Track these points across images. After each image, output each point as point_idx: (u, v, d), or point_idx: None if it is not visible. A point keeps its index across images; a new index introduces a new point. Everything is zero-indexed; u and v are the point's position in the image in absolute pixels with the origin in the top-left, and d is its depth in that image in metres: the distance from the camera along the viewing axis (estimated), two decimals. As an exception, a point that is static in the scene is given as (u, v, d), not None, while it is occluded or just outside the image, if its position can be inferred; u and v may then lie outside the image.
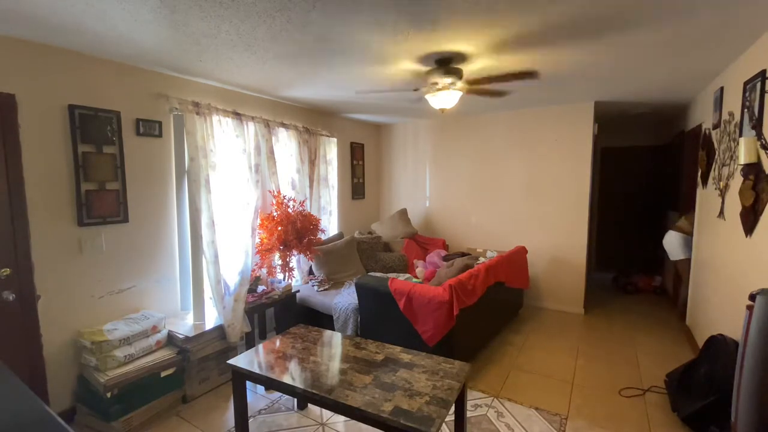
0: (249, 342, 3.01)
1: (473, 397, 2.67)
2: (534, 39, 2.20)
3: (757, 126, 2.15)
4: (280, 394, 2.74)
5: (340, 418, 2.48)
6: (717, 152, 2.95)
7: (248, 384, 2.36)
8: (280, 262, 3.41)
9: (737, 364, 1.72)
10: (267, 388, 2.81)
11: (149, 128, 2.73)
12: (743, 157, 2.14)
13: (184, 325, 2.79)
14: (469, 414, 2.47)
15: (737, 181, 2.48)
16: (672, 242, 4.00)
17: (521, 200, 4.56)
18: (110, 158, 2.51)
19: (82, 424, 2.38)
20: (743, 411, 1.65)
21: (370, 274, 3.88)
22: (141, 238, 2.72)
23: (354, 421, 2.39)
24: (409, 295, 2.83)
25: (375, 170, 5.61)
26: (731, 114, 2.63)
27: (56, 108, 2.29)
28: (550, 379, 2.94)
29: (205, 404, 2.67)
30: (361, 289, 3.10)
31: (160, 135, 2.80)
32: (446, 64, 2.55)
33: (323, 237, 3.83)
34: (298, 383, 1.86)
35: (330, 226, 4.41)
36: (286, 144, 3.81)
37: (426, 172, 5.26)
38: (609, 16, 1.92)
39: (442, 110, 2.86)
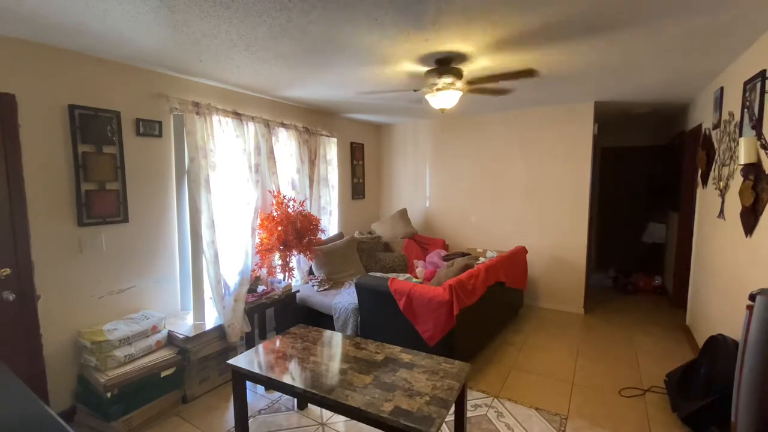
0: (249, 342, 3.01)
1: (473, 397, 2.67)
2: (533, 38, 2.19)
3: (757, 126, 2.15)
4: (280, 394, 2.74)
5: (340, 418, 2.48)
6: (717, 152, 2.95)
7: (248, 384, 2.36)
8: (280, 262, 3.41)
9: (737, 364, 1.72)
10: (267, 388, 2.81)
11: (149, 128, 2.73)
12: (743, 157, 2.14)
13: (184, 325, 2.78)
14: (469, 414, 2.47)
15: (737, 181, 2.48)
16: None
17: (521, 200, 4.56)
18: (110, 158, 2.51)
19: (82, 424, 2.38)
20: (743, 411, 1.65)
21: (370, 274, 3.88)
22: (141, 238, 2.72)
23: (354, 421, 2.39)
24: (409, 295, 2.83)
25: (375, 170, 5.60)
26: (731, 114, 2.63)
27: (56, 108, 2.29)
28: (550, 379, 2.94)
29: (205, 404, 2.66)
30: (361, 289, 3.10)
31: (160, 135, 2.80)
32: (446, 64, 2.55)
33: (323, 237, 3.83)
34: (298, 383, 1.86)
35: (330, 226, 4.41)
36: (286, 144, 3.81)
37: (426, 172, 5.26)
38: (608, 16, 1.91)
39: (442, 110, 2.86)
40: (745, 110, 2.33)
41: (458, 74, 2.61)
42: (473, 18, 1.91)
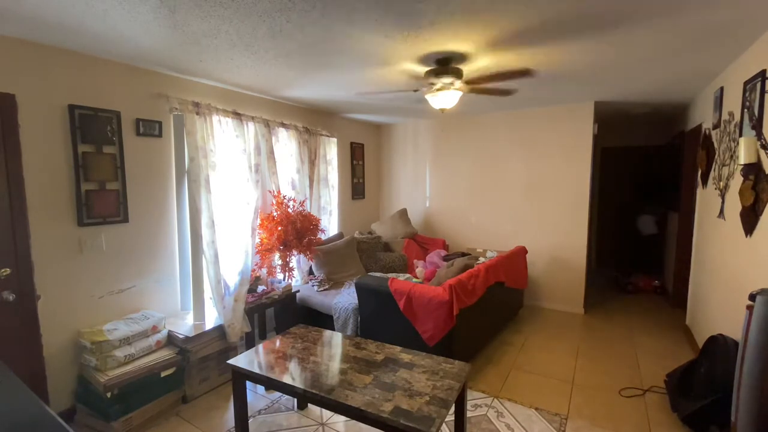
0: (249, 342, 3.01)
1: (473, 397, 2.67)
2: (532, 36, 2.17)
3: (757, 126, 2.15)
4: (280, 394, 2.74)
5: (340, 418, 2.48)
6: (717, 152, 2.95)
7: (248, 384, 2.36)
8: (280, 262, 3.41)
9: (737, 364, 1.72)
10: (267, 388, 2.81)
11: (149, 128, 2.73)
12: (743, 157, 2.14)
13: (184, 325, 2.78)
14: (469, 414, 2.47)
15: (737, 181, 2.48)
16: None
17: (521, 200, 4.56)
18: (110, 158, 2.51)
19: (82, 424, 2.38)
20: (743, 411, 1.65)
21: (370, 274, 3.88)
22: (141, 238, 2.72)
23: (354, 421, 2.39)
24: (409, 295, 2.83)
25: (375, 170, 5.60)
26: (731, 114, 2.63)
27: (56, 108, 2.29)
28: (550, 379, 2.94)
29: (205, 404, 2.66)
30: (361, 289, 3.10)
31: (160, 135, 2.80)
32: (446, 63, 2.55)
33: (323, 237, 3.83)
34: (298, 383, 1.86)
35: (330, 226, 4.41)
36: (286, 144, 3.80)
37: (426, 172, 5.26)
38: (607, 12, 1.89)
39: (442, 110, 2.86)
40: (745, 110, 2.33)
41: (458, 74, 2.61)
42: (472, 16, 1.91)
